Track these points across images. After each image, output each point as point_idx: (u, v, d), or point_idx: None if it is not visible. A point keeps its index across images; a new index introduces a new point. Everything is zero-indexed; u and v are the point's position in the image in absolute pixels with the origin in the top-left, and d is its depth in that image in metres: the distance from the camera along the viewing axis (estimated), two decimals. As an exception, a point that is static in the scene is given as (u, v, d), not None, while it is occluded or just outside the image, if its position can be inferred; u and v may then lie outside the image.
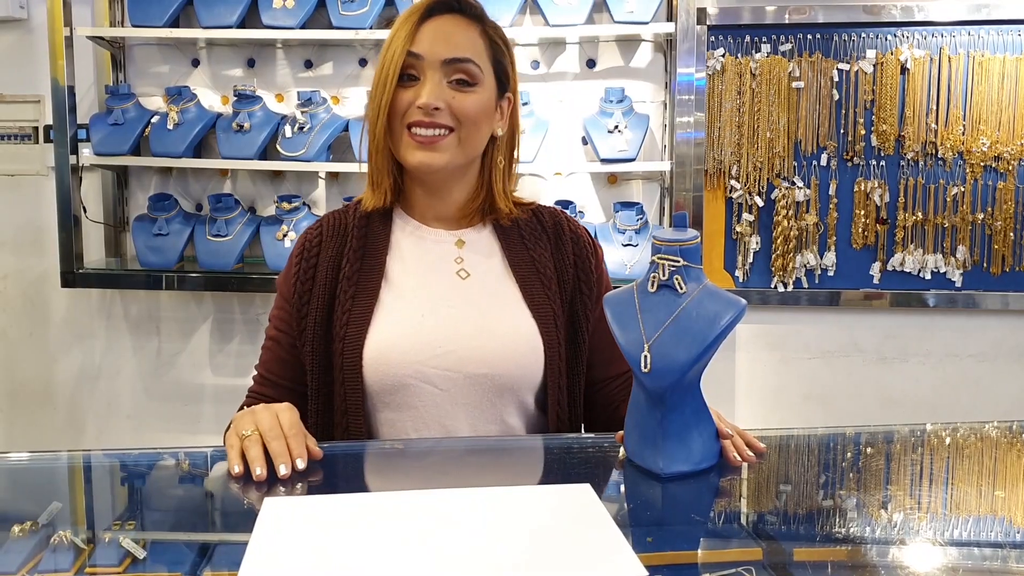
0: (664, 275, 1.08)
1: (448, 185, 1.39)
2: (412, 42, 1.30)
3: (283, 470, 1.07)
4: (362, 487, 1.15)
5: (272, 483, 1.06)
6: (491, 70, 1.36)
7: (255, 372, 1.44)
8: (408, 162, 1.33)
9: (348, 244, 1.38)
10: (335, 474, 1.16)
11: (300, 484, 1.06)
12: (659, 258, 1.08)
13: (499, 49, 1.38)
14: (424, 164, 1.32)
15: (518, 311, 1.35)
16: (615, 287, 1.19)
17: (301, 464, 1.08)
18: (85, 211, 2.92)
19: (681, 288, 1.06)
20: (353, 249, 1.37)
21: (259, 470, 1.06)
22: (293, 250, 1.42)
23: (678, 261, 1.07)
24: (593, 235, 1.50)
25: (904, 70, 2.80)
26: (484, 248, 1.41)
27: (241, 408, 1.41)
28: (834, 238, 2.88)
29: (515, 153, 1.45)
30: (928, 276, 2.87)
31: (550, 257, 1.41)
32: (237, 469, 1.07)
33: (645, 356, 1.05)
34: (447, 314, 1.33)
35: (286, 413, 1.14)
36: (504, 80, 1.39)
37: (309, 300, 1.35)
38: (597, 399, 1.44)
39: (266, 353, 1.42)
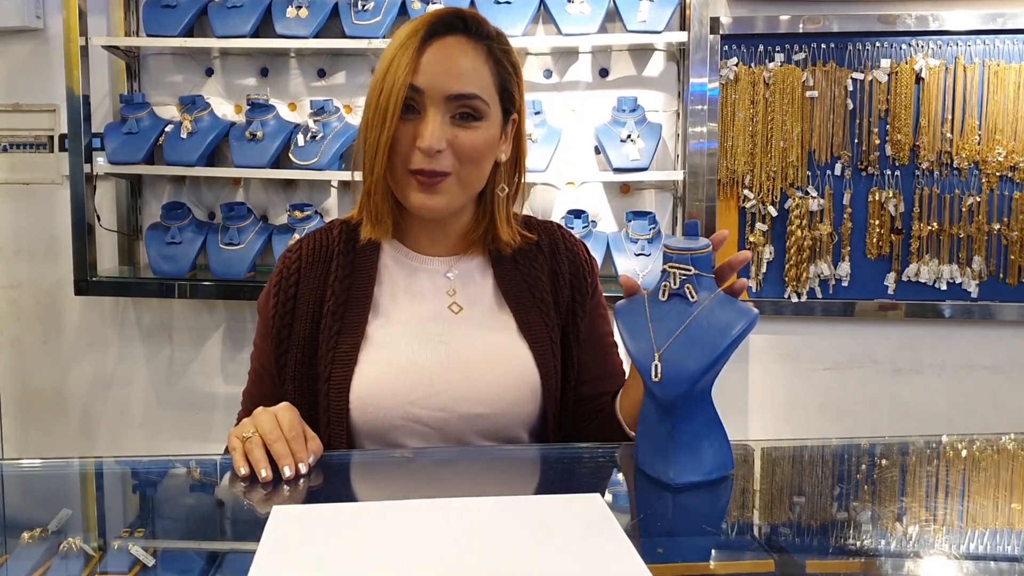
0: (675, 284, 1.07)
1: (447, 220, 1.32)
2: (414, 73, 1.20)
3: (287, 471, 1.07)
4: (370, 496, 1.14)
5: (278, 484, 1.06)
6: (497, 99, 1.27)
7: (241, 404, 1.39)
8: (409, 203, 1.25)
9: (333, 274, 1.30)
10: (343, 483, 1.16)
11: (309, 492, 1.06)
12: (670, 267, 1.07)
13: (506, 74, 1.28)
14: (425, 207, 1.25)
15: (513, 343, 1.30)
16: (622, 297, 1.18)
17: (303, 467, 1.08)
18: (99, 219, 2.94)
19: (692, 297, 1.05)
20: (338, 279, 1.29)
21: (264, 472, 1.06)
22: (272, 274, 1.34)
23: (689, 270, 1.06)
24: (588, 248, 1.44)
25: (919, 79, 2.79)
26: (477, 277, 1.35)
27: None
28: (848, 248, 2.87)
29: (519, 178, 1.37)
30: (943, 287, 2.85)
31: (547, 278, 1.35)
32: (243, 471, 1.07)
33: (656, 365, 1.04)
34: (438, 350, 1.27)
35: (285, 413, 1.12)
36: (509, 105, 1.30)
37: (289, 336, 1.29)
38: (580, 414, 1.38)
39: (252, 385, 1.37)
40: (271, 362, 1.31)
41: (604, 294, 1.46)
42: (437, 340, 1.28)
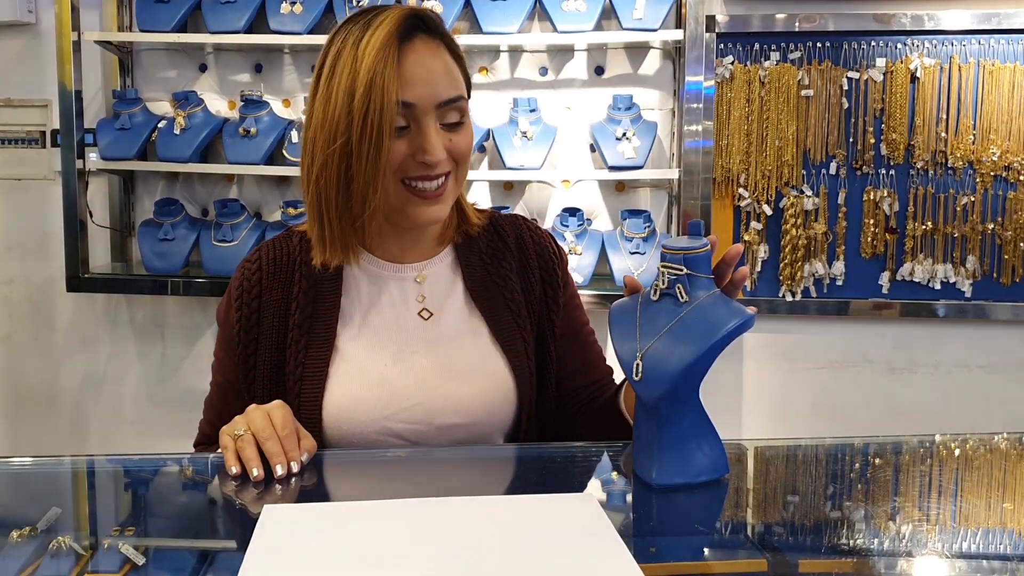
0: (664, 283, 1.06)
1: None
2: (402, 88, 1.15)
3: (279, 470, 1.06)
4: (362, 495, 1.14)
5: (269, 484, 1.05)
6: (466, 91, 1.26)
7: (204, 413, 1.36)
8: (412, 217, 1.22)
9: (297, 285, 1.26)
10: (335, 482, 1.15)
11: (300, 492, 1.06)
12: (662, 266, 1.06)
13: (463, 63, 1.26)
14: (434, 219, 1.23)
15: (486, 350, 1.28)
16: (620, 295, 1.17)
17: (295, 466, 1.07)
18: (91, 216, 2.93)
19: (683, 297, 1.04)
20: (303, 290, 1.26)
21: (256, 471, 1.05)
22: (231, 285, 1.29)
23: (680, 270, 1.05)
24: (556, 240, 1.42)
25: (914, 79, 2.79)
26: (446, 282, 1.32)
27: (196, 444, 1.37)
28: (843, 247, 2.87)
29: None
30: (937, 286, 2.85)
31: (516, 277, 1.33)
32: (235, 470, 1.06)
33: (637, 364, 1.03)
34: (411, 362, 1.25)
35: (278, 411, 1.11)
36: (469, 91, 1.29)
37: (256, 351, 1.26)
38: (567, 408, 1.37)
39: (216, 397, 1.34)
40: (236, 376, 1.29)
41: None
42: (409, 351, 1.26)
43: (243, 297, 1.28)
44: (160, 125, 2.86)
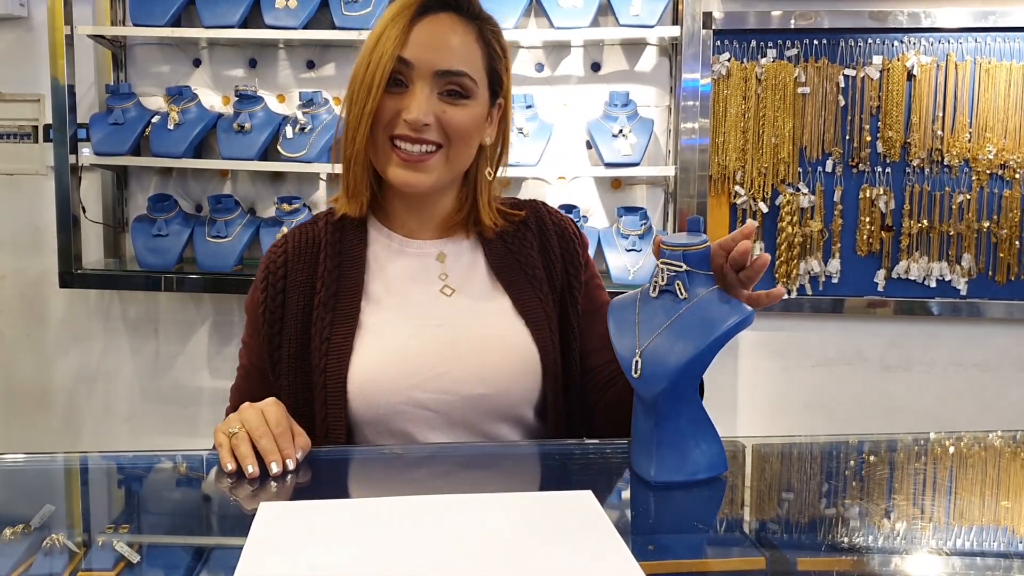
0: (663, 280, 1.06)
1: (430, 200, 1.32)
2: (403, 46, 1.21)
3: (275, 468, 1.05)
4: (359, 492, 1.13)
5: (265, 481, 1.05)
6: (485, 80, 1.28)
7: (229, 400, 1.38)
8: (391, 180, 1.25)
9: (321, 264, 1.29)
10: (332, 479, 1.14)
11: (296, 489, 1.05)
12: (661, 263, 1.06)
13: (495, 54, 1.29)
14: (408, 185, 1.25)
15: (509, 322, 1.30)
16: (618, 292, 1.17)
17: (291, 464, 1.07)
18: (84, 211, 2.91)
19: (682, 294, 1.04)
20: (327, 270, 1.28)
21: (251, 468, 1.05)
22: (259, 270, 1.33)
23: (680, 266, 1.04)
24: (576, 223, 1.44)
25: (910, 76, 2.79)
26: (467, 260, 1.34)
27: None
28: (839, 245, 2.87)
29: (502, 163, 1.37)
30: (933, 284, 2.85)
31: (537, 255, 1.35)
32: (230, 467, 1.06)
33: (636, 362, 1.03)
34: (435, 333, 1.27)
35: (272, 409, 1.11)
36: (497, 87, 1.31)
37: (282, 330, 1.28)
38: (591, 386, 1.37)
39: (241, 381, 1.36)
40: (262, 359, 1.30)
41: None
42: (433, 324, 1.28)
43: (269, 279, 1.30)
44: (153, 120, 2.85)
